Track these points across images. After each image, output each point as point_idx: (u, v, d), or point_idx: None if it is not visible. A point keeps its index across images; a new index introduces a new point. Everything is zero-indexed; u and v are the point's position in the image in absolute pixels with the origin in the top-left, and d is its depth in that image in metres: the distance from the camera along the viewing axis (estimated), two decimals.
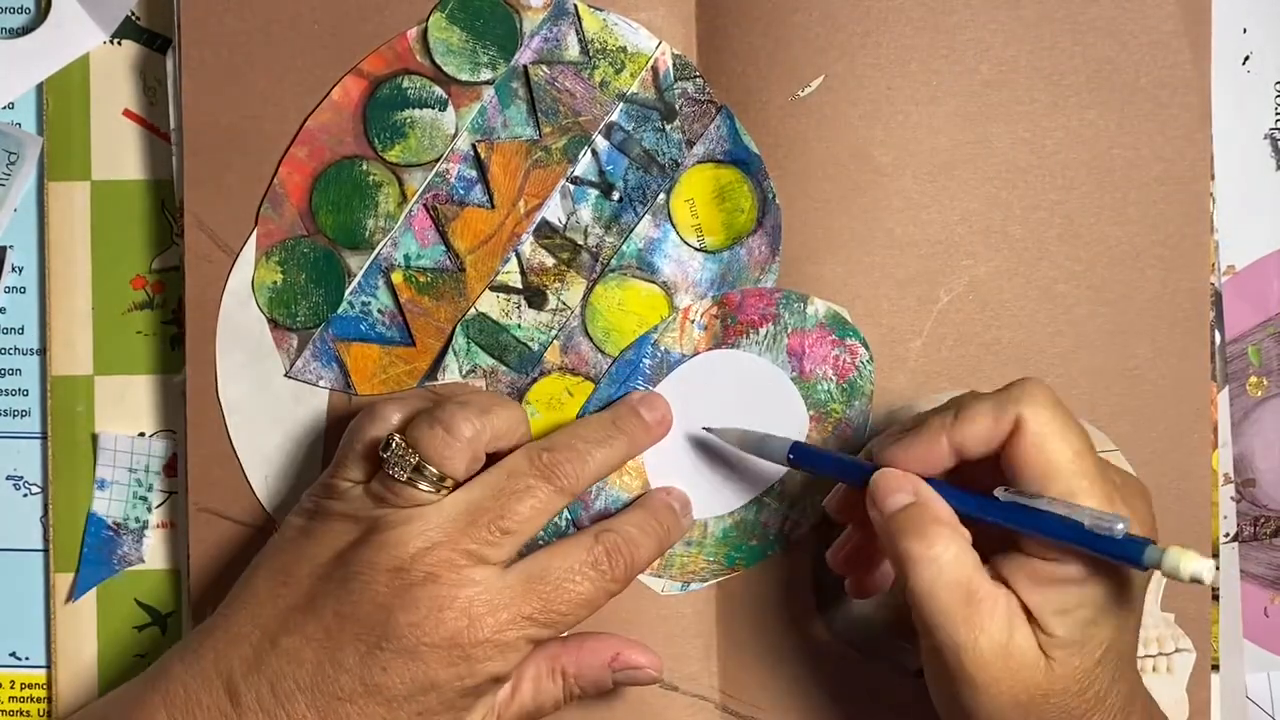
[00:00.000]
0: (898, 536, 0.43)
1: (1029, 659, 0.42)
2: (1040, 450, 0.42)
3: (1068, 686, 0.42)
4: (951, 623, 0.42)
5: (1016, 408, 0.42)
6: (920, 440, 0.44)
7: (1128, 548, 0.40)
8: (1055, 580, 0.42)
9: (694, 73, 0.51)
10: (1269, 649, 0.54)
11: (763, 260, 0.51)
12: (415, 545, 0.45)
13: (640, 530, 0.48)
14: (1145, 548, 0.39)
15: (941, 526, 0.42)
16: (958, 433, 0.43)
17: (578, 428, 0.49)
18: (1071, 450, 0.42)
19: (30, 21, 0.55)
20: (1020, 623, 0.42)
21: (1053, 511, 0.41)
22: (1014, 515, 0.42)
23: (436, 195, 0.51)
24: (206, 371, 0.52)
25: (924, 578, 0.42)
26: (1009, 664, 0.41)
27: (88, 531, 0.54)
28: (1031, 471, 0.42)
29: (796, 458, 0.48)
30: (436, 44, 0.51)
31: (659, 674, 0.49)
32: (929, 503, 0.43)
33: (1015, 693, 0.42)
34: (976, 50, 0.51)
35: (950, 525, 0.43)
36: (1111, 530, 0.40)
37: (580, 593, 0.46)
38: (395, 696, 0.44)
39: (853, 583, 0.49)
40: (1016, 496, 0.42)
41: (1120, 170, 0.51)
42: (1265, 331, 0.54)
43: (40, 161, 0.54)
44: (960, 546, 0.42)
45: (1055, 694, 0.42)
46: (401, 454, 0.45)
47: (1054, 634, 0.42)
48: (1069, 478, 0.41)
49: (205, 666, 0.45)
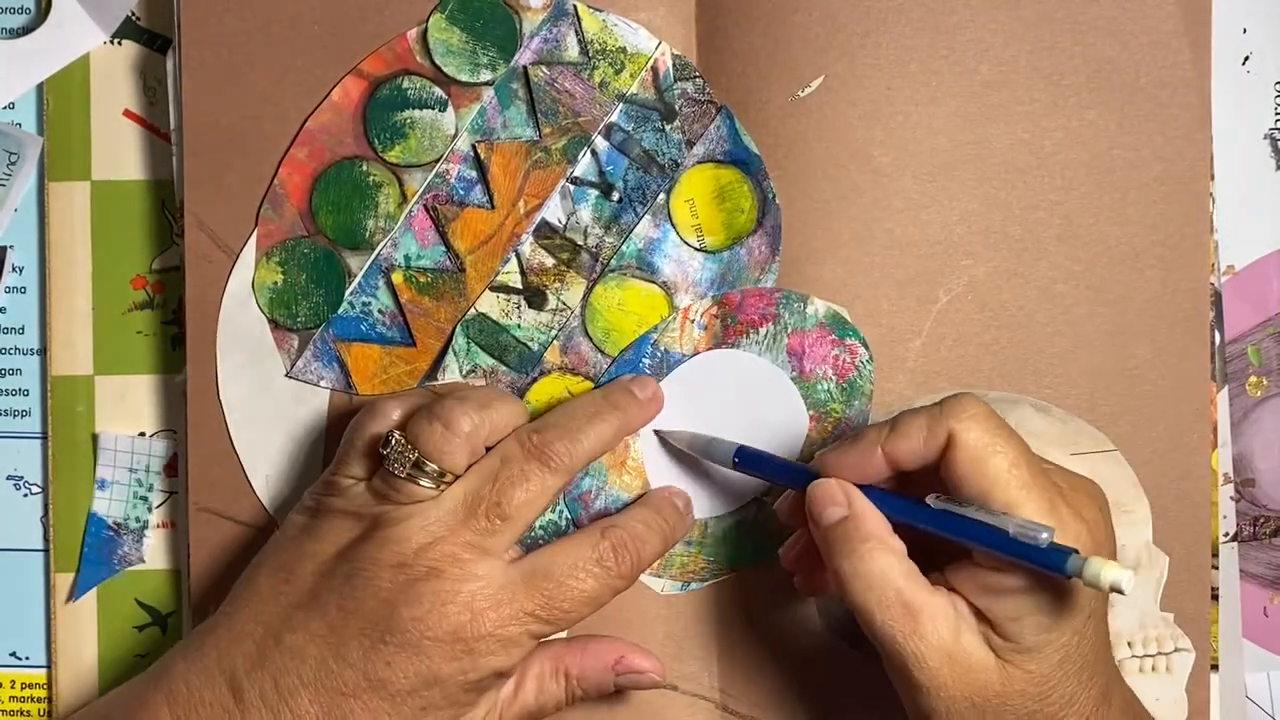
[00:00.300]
0: (831, 553, 0.44)
1: (979, 661, 0.42)
2: (974, 463, 0.42)
3: (1025, 690, 0.42)
4: (892, 634, 0.42)
5: (948, 423, 0.43)
6: (856, 450, 0.45)
7: (1051, 556, 0.40)
8: (1002, 590, 0.42)
9: (694, 73, 0.51)
10: (1269, 649, 0.54)
11: (763, 260, 0.51)
12: (417, 541, 0.45)
13: (646, 526, 0.48)
14: (1069, 557, 0.39)
15: (869, 542, 0.43)
16: (891, 445, 0.44)
17: (568, 407, 0.49)
18: (1007, 461, 0.42)
19: (30, 21, 0.55)
20: (968, 628, 0.42)
21: (979, 519, 0.41)
22: (947, 523, 0.42)
23: (436, 196, 0.52)
24: (207, 371, 0.52)
25: (856, 593, 0.43)
26: (956, 668, 0.42)
27: (88, 531, 0.54)
28: (969, 484, 0.42)
29: (741, 461, 0.49)
30: (436, 45, 0.51)
31: (661, 679, 0.50)
32: (859, 516, 0.44)
33: (969, 695, 0.42)
34: (976, 50, 0.51)
35: (878, 539, 0.43)
36: (1035, 539, 0.40)
37: (584, 589, 0.46)
38: (399, 691, 0.44)
39: (802, 580, 0.49)
40: (948, 504, 0.42)
41: (1120, 170, 0.51)
42: (1265, 331, 0.54)
43: (40, 161, 0.54)
44: (887, 560, 0.43)
45: (1012, 696, 0.42)
46: (402, 450, 0.46)
47: (1010, 639, 0.42)
48: (1005, 488, 0.42)
49: (208, 664, 0.45)
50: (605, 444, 0.49)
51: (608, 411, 0.49)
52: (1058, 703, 0.43)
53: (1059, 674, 0.42)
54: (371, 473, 0.47)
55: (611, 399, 0.49)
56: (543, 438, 0.47)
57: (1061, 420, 0.51)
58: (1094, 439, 0.52)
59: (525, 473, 0.46)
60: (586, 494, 0.51)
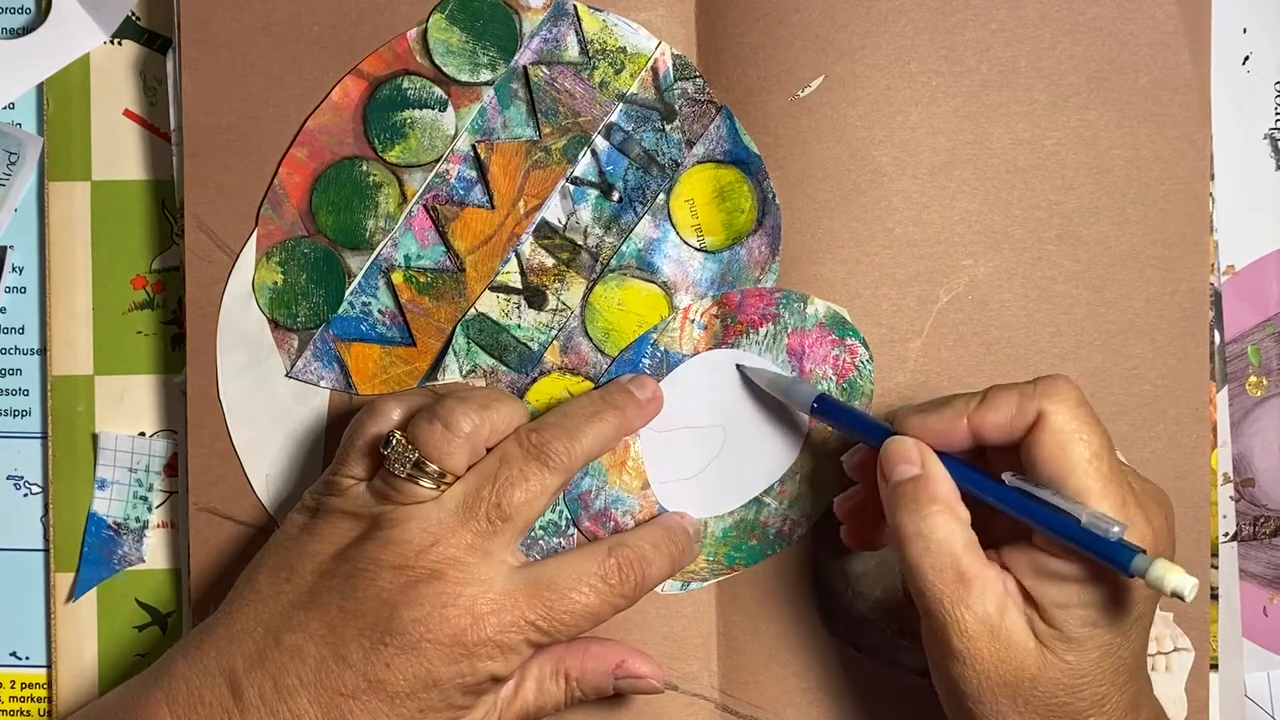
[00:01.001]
0: (896, 508, 0.44)
1: (1019, 642, 0.42)
2: (1058, 447, 0.42)
3: (1059, 679, 0.42)
4: (938, 598, 0.43)
5: (1040, 402, 0.43)
6: (941, 415, 0.45)
7: (1118, 552, 0.40)
8: (1057, 575, 0.42)
9: (694, 73, 0.51)
10: (1268, 648, 0.54)
11: (763, 260, 0.51)
12: (418, 541, 0.45)
13: (654, 548, 0.48)
14: (1135, 555, 0.39)
15: (936, 504, 0.43)
16: (978, 416, 0.44)
17: (567, 406, 0.49)
18: (1090, 450, 0.42)
19: (30, 21, 0.55)
20: (1015, 607, 0.43)
21: (1054, 504, 0.41)
22: (1017, 502, 0.43)
23: (436, 196, 0.51)
24: (207, 371, 0.52)
25: (913, 552, 0.43)
26: (996, 644, 0.42)
27: (88, 531, 0.54)
28: (1047, 467, 0.42)
29: (821, 408, 0.48)
30: (436, 45, 0.51)
31: (660, 685, 0.49)
32: (931, 478, 0.44)
33: (1003, 673, 0.42)
34: (976, 50, 0.51)
35: (946, 503, 0.43)
36: (1106, 532, 0.40)
37: (586, 604, 0.46)
38: (397, 693, 0.44)
39: (850, 530, 0.49)
40: (1023, 484, 0.43)
41: (1120, 170, 0.51)
42: (1265, 331, 0.54)
43: (40, 161, 0.54)
44: (951, 527, 0.43)
45: (1044, 683, 0.42)
46: (402, 450, 0.46)
47: (1055, 627, 0.42)
48: (1082, 477, 0.42)
49: (208, 663, 0.45)
50: (604, 443, 0.49)
51: (607, 411, 0.49)
52: (1089, 699, 0.43)
53: (1095, 671, 0.42)
54: (372, 473, 0.47)
55: (611, 399, 0.49)
56: (541, 437, 0.47)
57: None
58: None
59: (525, 473, 0.46)
60: (586, 494, 0.51)
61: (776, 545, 0.52)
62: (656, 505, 0.52)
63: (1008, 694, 0.42)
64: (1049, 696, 0.42)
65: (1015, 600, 0.43)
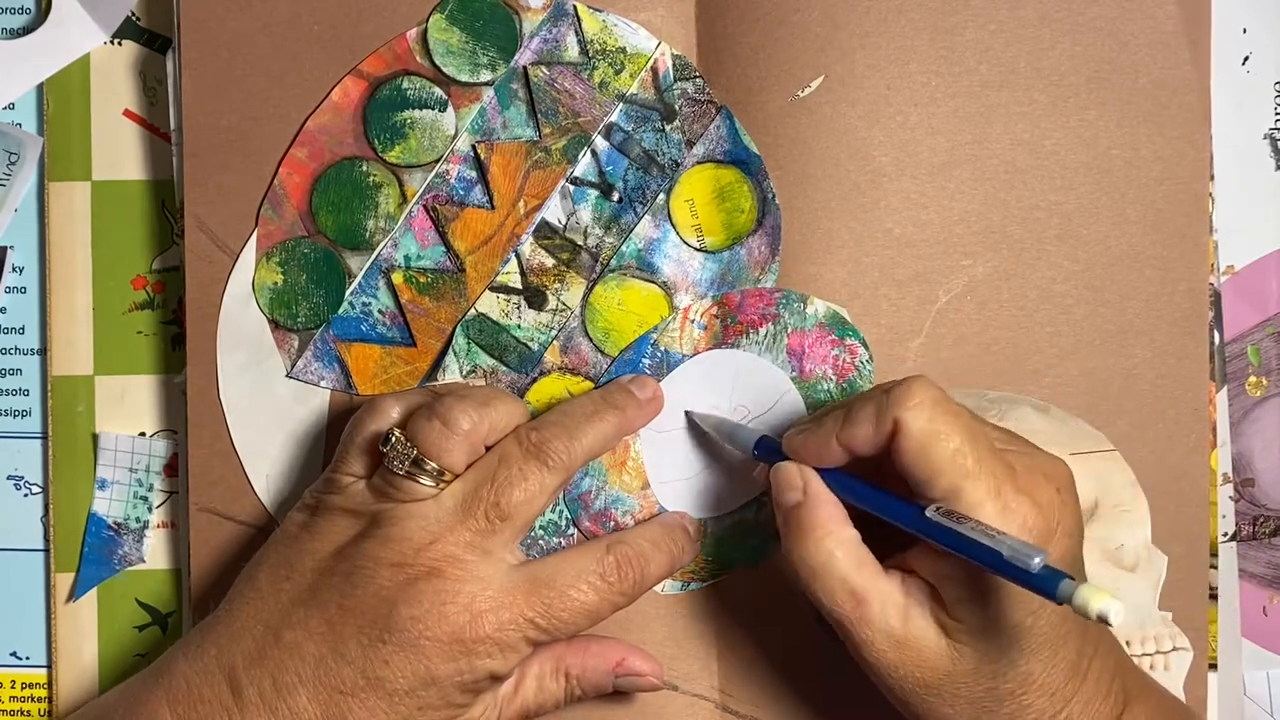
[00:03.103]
0: (784, 536, 0.45)
1: (928, 644, 0.43)
2: (920, 452, 0.42)
3: (977, 668, 0.43)
4: (839, 621, 0.43)
5: (894, 411, 0.42)
6: (815, 436, 0.45)
7: (1044, 581, 0.39)
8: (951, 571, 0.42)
9: (694, 73, 0.51)
10: (1268, 648, 0.54)
11: (762, 260, 0.51)
12: (417, 539, 0.45)
13: (654, 546, 0.48)
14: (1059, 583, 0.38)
15: (818, 530, 0.44)
16: (845, 435, 0.44)
17: (566, 405, 0.49)
18: (951, 448, 0.42)
19: (30, 21, 0.55)
20: (919, 611, 0.43)
21: (974, 539, 0.41)
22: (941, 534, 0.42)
23: (436, 196, 0.52)
24: (207, 371, 0.52)
25: (805, 579, 0.44)
26: (905, 652, 0.43)
27: (88, 531, 0.54)
28: (914, 473, 0.42)
29: (760, 453, 0.48)
30: (436, 45, 0.51)
31: (660, 683, 0.50)
32: (813, 504, 0.44)
33: (919, 676, 0.43)
34: (976, 50, 0.51)
35: (828, 528, 0.44)
36: (1028, 564, 0.39)
37: (584, 602, 0.46)
38: (396, 690, 0.44)
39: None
40: (943, 520, 0.42)
41: (1120, 170, 0.51)
42: (1264, 331, 0.54)
43: (40, 161, 0.54)
44: (836, 550, 0.43)
45: (963, 675, 0.43)
46: (401, 448, 0.46)
47: (959, 620, 0.42)
48: (950, 477, 0.42)
49: (208, 661, 0.45)
50: (604, 443, 0.49)
51: (607, 411, 0.49)
52: (1015, 680, 0.43)
53: (1012, 652, 0.42)
54: (371, 470, 0.47)
55: (611, 398, 0.49)
56: (540, 436, 0.47)
57: (1061, 420, 0.51)
58: (1093, 439, 0.52)
59: (523, 472, 0.46)
60: (586, 494, 0.51)
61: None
62: (656, 505, 0.52)
63: (932, 694, 0.43)
64: (973, 686, 0.43)
65: (920, 602, 0.43)
